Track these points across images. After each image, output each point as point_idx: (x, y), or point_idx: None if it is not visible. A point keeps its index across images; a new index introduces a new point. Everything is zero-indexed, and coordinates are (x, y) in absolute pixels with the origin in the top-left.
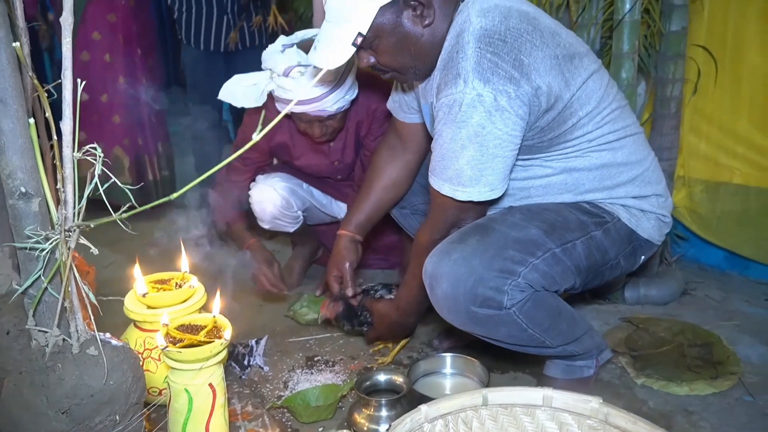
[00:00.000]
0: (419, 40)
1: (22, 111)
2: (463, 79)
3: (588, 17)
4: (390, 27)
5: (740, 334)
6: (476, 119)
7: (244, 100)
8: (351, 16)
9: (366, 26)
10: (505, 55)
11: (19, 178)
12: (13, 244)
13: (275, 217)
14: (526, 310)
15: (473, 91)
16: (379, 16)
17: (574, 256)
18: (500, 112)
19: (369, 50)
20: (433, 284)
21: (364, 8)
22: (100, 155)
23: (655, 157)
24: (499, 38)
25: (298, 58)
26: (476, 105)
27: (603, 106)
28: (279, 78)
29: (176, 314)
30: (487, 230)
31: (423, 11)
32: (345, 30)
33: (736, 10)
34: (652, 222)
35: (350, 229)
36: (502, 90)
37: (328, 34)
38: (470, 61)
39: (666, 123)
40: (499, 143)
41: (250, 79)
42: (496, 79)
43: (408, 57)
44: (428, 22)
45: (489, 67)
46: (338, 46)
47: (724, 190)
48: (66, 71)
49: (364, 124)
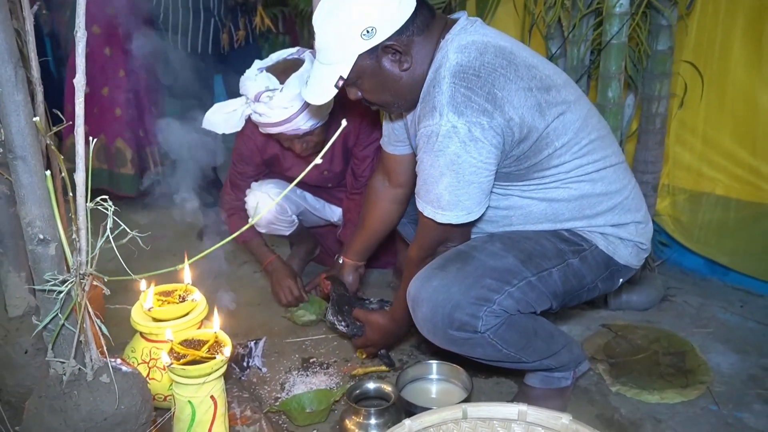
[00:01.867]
0: (399, 82)
1: (39, 166)
2: (438, 112)
3: (578, 34)
4: (370, 70)
5: (713, 342)
6: (452, 149)
7: (224, 127)
8: (334, 60)
9: (347, 70)
10: (479, 89)
11: (37, 226)
12: (34, 287)
13: (270, 222)
14: (501, 333)
15: (448, 123)
16: (359, 61)
17: (550, 283)
18: (474, 142)
19: (354, 87)
20: (415, 307)
21: (345, 55)
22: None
23: (636, 184)
24: (473, 73)
25: (266, 83)
26: (451, 136)
27: (581, 137)
28: (252, 103)
29: (179, 327)
30: (467, 258)
31: (401, 57)
32: (329, 71)
33: (722, 29)
34: (630, 249)
35: (351, 257)
36: (476, 122)
37: (317, 72)
38: (445, 95)
39: (651, 138)
40: (474, 170)
41: (229, 106)
42: (470, 111)
43: (390, 95)
44: (406, 67)
45: (462, 101)
46: (323, 85)
47: (706, 200)
48: (79, 128)
49: (352, 134)
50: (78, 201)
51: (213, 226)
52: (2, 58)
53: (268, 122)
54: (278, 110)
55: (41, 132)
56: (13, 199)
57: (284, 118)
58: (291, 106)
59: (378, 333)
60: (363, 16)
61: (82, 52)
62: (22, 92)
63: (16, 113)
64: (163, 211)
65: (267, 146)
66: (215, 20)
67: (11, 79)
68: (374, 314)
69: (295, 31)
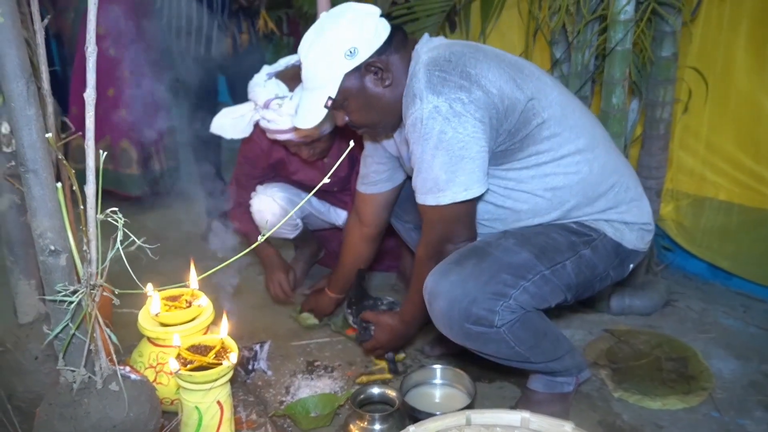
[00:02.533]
0: (382, 99)
1: (50, 178)
2: (419, 98)
3: (583, 40)
4: (356, 90)
5: (715, 348)
6: (437, 128)
7: (232, 132)
8: (322, 84)
9: (335, 90)
10: (452, 69)
11: (48, 237)
12: (45, 298)
13: (274, 225)
14: (515, 330)
15: (429, 104)
16: (345, 81)
17: (564, 276)
18: (458, 117)
19: (341, 110)
20: (432, 300)
21: (332, 75)
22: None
23: (629, 164)
24: (444, 59)
25: (276, 90)
26: (434, 116)
27: (567, 111)
28: (261, 110)
29: (186, 332)
30: (483, 254)
31: (382, 74)
32: (317, 95)
33: (726, 35)
34: (635, 233)
35: (334, 289)
36: (455, 98)
37: (305, 100)
38: (422, 82)
39: (654, 144)
40: (463, 145)
41: (237, 111)
42: (447, 90)
43: (375, 114)
44: (388, 83)
45: (438, 82)
46: (313, 109)
47: (709, 205)
48: (89, 141)
49: (358, 139)
50: (88, 213)
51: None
52: (14, 73)
53: (277, 129)
54: (288, 117)
55: (53, 147)
56: (23, 208)
57: (292, 126)
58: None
59: (387, 334)
60: (345, 38)
61: (92, 68)
62: (34, 106)
63: (28, 127)
64: (168, 211)
65: (273, 151)
66: (219, 24)
67: (23, 94)
68: (383, 315)
69: (299, 32)
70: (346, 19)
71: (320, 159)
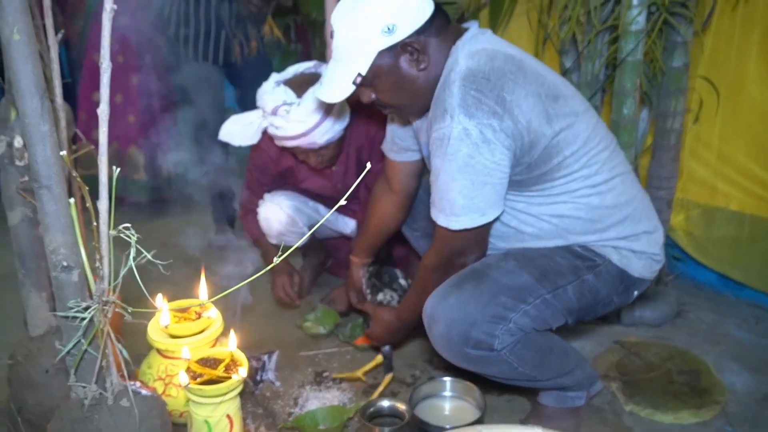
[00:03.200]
0: (415, 82)
1: (63, 194)
2: (449, 115)
3: (593, 50)
4: (388, 69)
5: (727, 360)
6: (464, 151)
7: (240, 139)
8: (353, 58)
9: (366, 67)
10: (488, 92)
11: (61, 253)
12: (57, 314)
13: (281, 233)
14: (517, 351)
15: (459, 125)
16: (378, 59)
17: (565, 300)
18: (487, 143)
19: (369, 87)
20: (431, 324)
21: (365, 51)
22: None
23: (645, 193)
24: (483, 77)
25: (284, 97)
26: (463, 138)
27: (590, 146)
28: (269, 116)
29: (195, 344)
30: (483, 277)
31: (418, 56)
32: (347, 69)
33: (738, 45)
34: (643, 261)
35: (359, 255)
36: (486, 124)
37: (332, 71)
38: (455, 98)
39: (665, 154)
40: (488, 171)
41: (246, 118)
42: (480, 113)
43: (405, 96)
44: (423, 67)
45: (473, 103)
46: (340, 83)
47: (720, 215)
48: (102, 156)
49: (365, 148)
50: (101, 229)
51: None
52: (29, 90)
53: (285, 135)
54: (295, 124)
55: (68, 165)
56: (35, 222)
57: (301, 132)
58: (308, 120)
59: (380, 327)
60: (384, 13)
61: (107, 83)
62: (48, 123)
63: (42, 143)
64: (175, 217)
65: (281, 159)
66: (226, 31)
67: (37, 110)
68: (381, 309)
69: (307, 39)
70: None
71: (328, 167)
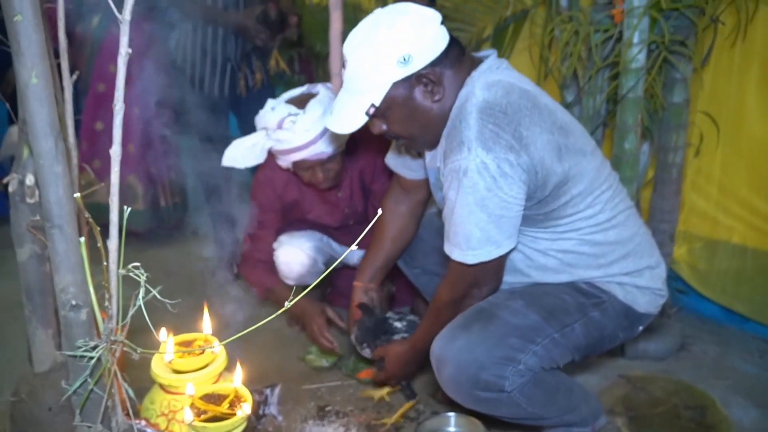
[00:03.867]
0: (428, 114)
1: (74, 234)
2: (467, 147)
3: (594, 86)
4: (402, 100)
5: (733, 395)
6: (482, 184)
7: (244, 161)
8: (366, 88)
9: (379, 98)
10: (506, 126)
11: (71, 292)
12: (65, 353)
13: (302, 275)
14: (526, 392)
15: (477, 158)
16: (392, 90)
17: (572, 338)
18: (504, 177)
19: (381, 118)
20: (440, 366)
21: (379, 82)
22: (143, 275)
23: (646, 229)
24: (500, 110)
25: (287, 110)
26: (481, 172)
27: (595, 186)
28: (274, 132)
29: (199, 379)
30: (491, 317)
31: (433, 88)
32: (360, 100)
33: (737, 81)
34: (647, 297)
35: (364, 280)
36: (504, 158)
37: (344, 102)
38: (473, 130)
39: (667, 187)
40: (505, 205)
41: (248, 141)
42: (498, 148)
43: (417, 127)
44: (437, 98)
45: (491, 137)
46: (352, 113)
47: (722, 248)
48: (114, 197)
49: (367, 170)
50: (110, 268)
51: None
52: (44, 131)
53: (292, 147)
54: (302, 133)
55: (80, 207)
56: (43, 258)
57: (309, 140)
58: (313, 129)
59: (398, 363)
60: (400, 43)
61: (119, 124)
62: (62, 164)
63: (55, 184)
64: (173, 247)
65: (285, 192)
66: (231, 65)
67: (51, 152)
68: (392, 346)
69: (310, 71)
70: (405, 21)
71: (334, 188)
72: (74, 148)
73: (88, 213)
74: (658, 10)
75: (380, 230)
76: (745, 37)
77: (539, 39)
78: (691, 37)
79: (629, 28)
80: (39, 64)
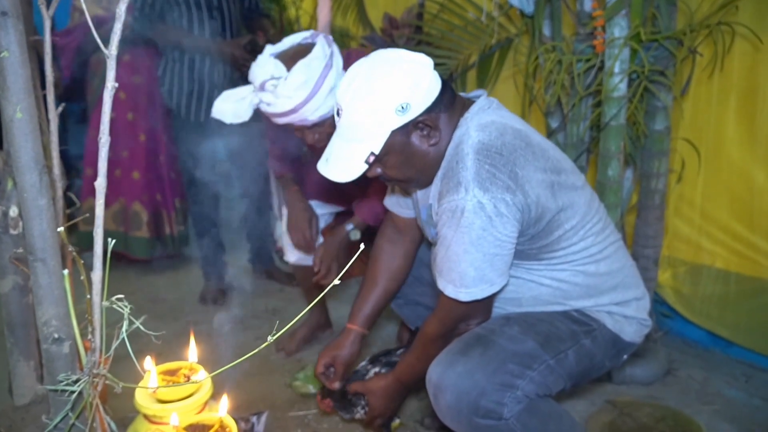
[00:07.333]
0: (426, 157)
1: (58, 267)
2: (464, 188)
3: (577, 113)
4: (400, 146)
5: (720, 421)
6: (478, 224)
7: (232, 117)
8: (365, 137)
9: (379, 147)
10: (502, 167)
11: (53, 325)
12: (46, 387)
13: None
14: (522, 419)
15: (474, 198)
16: (390, 138)
17: (566, 365)
18: (500, 217)
19: (378, 163)
20: (438, 394)
21: (378, 131)
22: (127, 309)
23: (633, 262)
24: (496, 151)
25: (273, 71)
26: (478, 212)
27: (586, 220)
28: (258, 92)
29: (184, 409)
30: (488, 343)
31: (430, 132)
32: (358, 148)
33: (716, 109)
34: (634, 326)
35: (358, 323)
36: (500, 198)
37: (342, 150)
38: (470, 171)
39: (651, 213)
40: (499, 244)
41: (238, 93)
42: (495, 188)
43: (413, 171)
44: (434, 142)
45: (488, 177)
46: (351, 162)
47: (706, 273)
48: (98, 228)
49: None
50: (94, 300)
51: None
52: (29, 165)
53: (275, 112)
54: (284, 100)
55: (65, 242)
56: (26, 290)
57: (290, 108)
58: (295, 96)
59: (383, 399)
60: (397, 92)
61: (105, 157)
62: (46, 197)
63: (39, 217)
64: (174, 274)
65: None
66: (219, 92)
67: (36, 185)
68: (373, 382)
69: None
70: (401, 70)
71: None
72: (60, 179)
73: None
74: (638, 41)
75: (374, 271)
76: (723, 68)
77: (524, 67)
78: (670, 67)
79: (610, 58)
80: (24, 99)
